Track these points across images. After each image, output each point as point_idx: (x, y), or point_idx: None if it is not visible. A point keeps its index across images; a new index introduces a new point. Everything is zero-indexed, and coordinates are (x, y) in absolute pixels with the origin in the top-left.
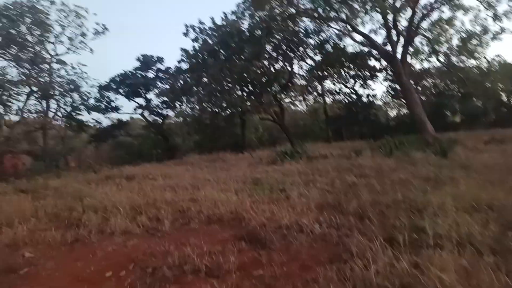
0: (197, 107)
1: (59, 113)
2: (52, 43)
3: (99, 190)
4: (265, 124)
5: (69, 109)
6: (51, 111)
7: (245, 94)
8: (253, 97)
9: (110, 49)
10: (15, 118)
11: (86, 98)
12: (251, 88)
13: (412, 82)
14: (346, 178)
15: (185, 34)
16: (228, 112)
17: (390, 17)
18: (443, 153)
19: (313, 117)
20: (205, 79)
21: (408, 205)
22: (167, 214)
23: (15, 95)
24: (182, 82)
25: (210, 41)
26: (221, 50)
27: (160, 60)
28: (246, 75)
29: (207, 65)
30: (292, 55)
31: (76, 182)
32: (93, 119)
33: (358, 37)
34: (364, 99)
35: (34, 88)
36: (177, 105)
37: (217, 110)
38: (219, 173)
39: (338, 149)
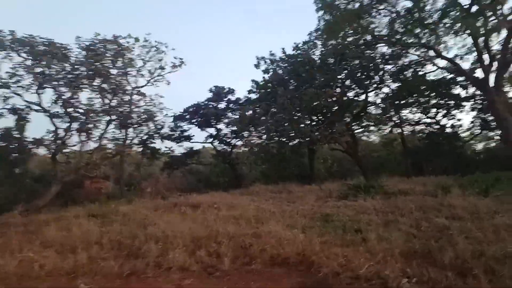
0: (265, 137)
1: (135, 141)
2: (134, 76)
3: (164, 217)
4: (335, 155)
5: (144, 137)
6: (128, 139)
7: (314, 123)
8: (323, 127)
9: (186, 82)
10: (94, 144)
11: (160, 127)
12: (321, 117)
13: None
14: (434, 220)
15: (256, 66)
16: (296, 142)
17: (480, 40)
18: None
19: (389, 149)
20: (273, 109)
21: None
22: (228, 249)
23: (96, 124)
24: (251, 112)
25: (280, 71)
26: (291, 80)
27: (231, 91)
28: (316, 104)
29: (276, 95)
30: (367, 82)
31: (144, 208)
32: (166, 147)
33: (442, 63)
34: (448, 130)
35: (113, 117)
36: (245, 135)
37: (284, 140)
38: (285, 205)
39: (420, 185)
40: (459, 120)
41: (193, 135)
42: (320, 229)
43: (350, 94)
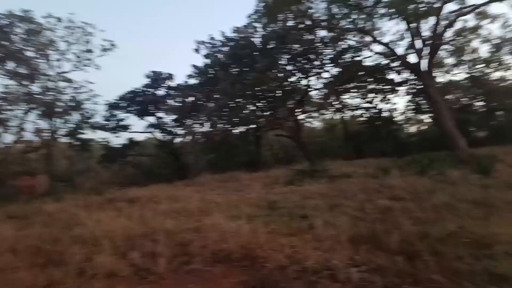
0: (208, 124)
1: (61, 132)
2: (58, 60)
3: (95, 216)
4: (280, 141)
5: (71, 127)
6: (53, 130)
7: (258, 109)
8: (267, 112)
9: (120, 67)
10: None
11: (89, 116)
12: (265, 102)
13: None
14: (378, 202)
15: (197, 51)
16: (241, 129)
17: (413, 25)
18: (483, 171)
19: (331, 133)
20: (216, 96)
21: (467, 238)
22: (165, 248)
23: (12, 113)
24: (192, 98)
25: (221, 56)
26: (233, 65)
27: (169, 77)
28: (259, 89)
29: (217, 80)
30: (308, 66)
31: (74, 206)
32: (101, 138)
33: (378, 48)
34: (385, 114)
35: (34, 106)
36: (187, 123)
37: (228, 127)
38: (231, 195)
39: (361, 167)
40: (394, 104)
41: (131, 125)
42: (266, 218)
43: (292, 79)
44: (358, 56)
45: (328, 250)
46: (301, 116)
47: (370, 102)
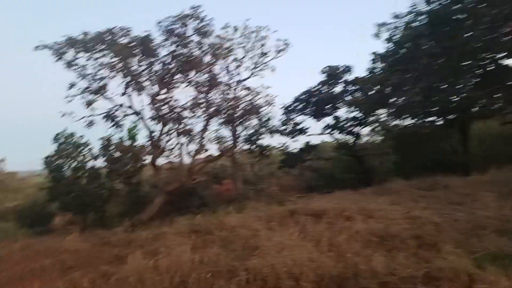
0: (400, 117)
1: (242, 139)
2: (235, 67)
3: (278, 236)
4: (491, 134)
5: (251, 133)
6: (234, 138)
7: (474, 89)
8: (483, 94)
9: (290, 66)
10: (195, 147)
11: (267, 121)
12: (482, 80)
13: None
14: None
15: (376, 35)
16: (444, 119)
17: None
18: None
19: None
20: (409, 81)
21: None
22: None
23: (196, 123)
24: (376, 90)
25: (410, 32)
26: (432, 35)
27: (347, 69)
28: (480, 55)
29: (411, 59)
30: None
31: (255, 219)
32: (279, 143)
33: None
34: None
35: (214, 113)
36: (372, 120)
37: (425, 118)
38: (450, 210)
39: None
40: None
41: (308, 127)
42: None
43: None
44: None
45: None
46: None
47: None
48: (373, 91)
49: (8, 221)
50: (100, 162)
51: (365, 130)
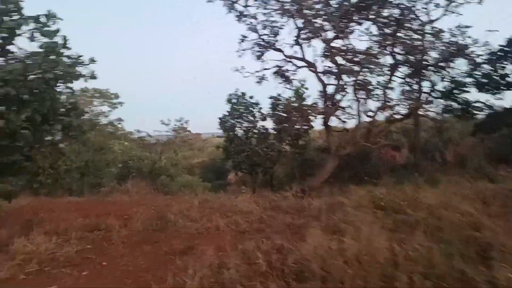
0: None
1: (433, 94)
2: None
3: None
4: None
5: (448, 86)
6: (423, 93)
7: None
8: None
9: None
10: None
11: (473, 69)
12: None
13: None
14: None
15: None
16: None
17: None
18: None
19: None
20: None
21: None
22: None
23: (376, 74)
24: None
25: None
26: None
27: None
28: None
29: None
30: None
31: (462, 199)
32: (480, 101)
33: None
34: None
35: (398, 65)
36: None
37: None
38: None
39: None
40: None
41: None
42: None
43: None
44: None
45: None
46: None
47: None
48: None
49: (194, 174)
50: (269, 123)
51: None
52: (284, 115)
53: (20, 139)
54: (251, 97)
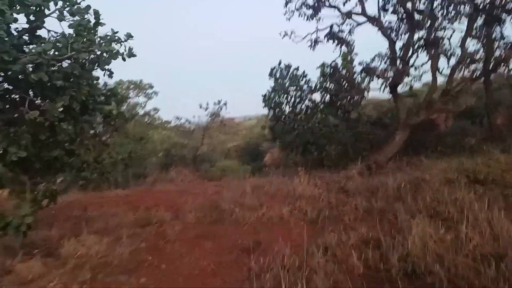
0: None
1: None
2: None
3: None
4: None
5: None
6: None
7: None
8: None
9: None
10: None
11: None
12: None
13: None
14: None
15: None
16: None
17: None
18: None
19: None
20: None
21: None
22: None
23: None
24: None
25: None
26: None
27: None
28: None
29: None
30: None
31: None
32: None
33: None
34: None
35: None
36: None
37: None
38: None
39: None
40: None
41: None
42: None
43: None
44: None
45: None
46: None
47: None
48: None
49: (231, 158)
50: (318, 96)
51: None
52: (334, 85)
53: (60, 132)
54: (296, 69)
